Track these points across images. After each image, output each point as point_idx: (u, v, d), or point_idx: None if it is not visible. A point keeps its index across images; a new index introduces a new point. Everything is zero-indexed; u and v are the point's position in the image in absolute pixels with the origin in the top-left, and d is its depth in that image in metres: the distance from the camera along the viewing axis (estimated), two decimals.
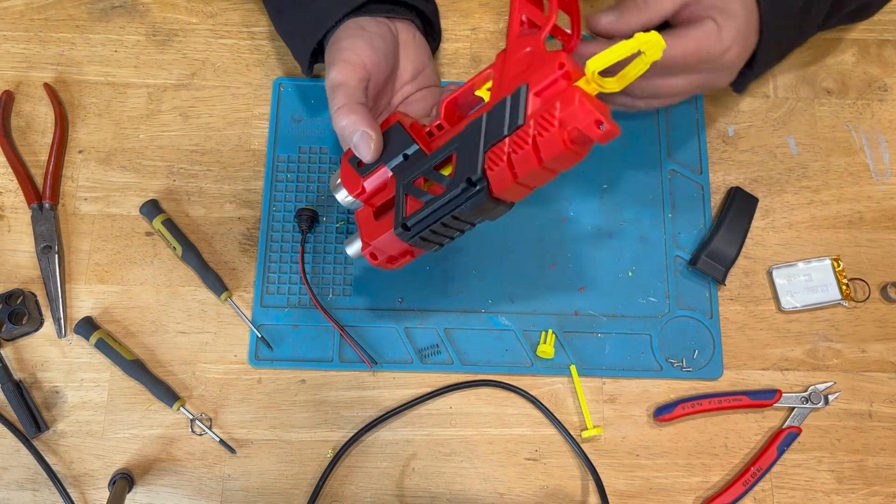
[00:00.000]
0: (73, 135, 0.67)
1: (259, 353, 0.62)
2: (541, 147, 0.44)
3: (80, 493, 0.60)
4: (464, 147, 0.47)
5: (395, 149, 0.51)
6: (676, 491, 0.60)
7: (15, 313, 0.62)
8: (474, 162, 0.46)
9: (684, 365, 0.62)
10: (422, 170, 0.50)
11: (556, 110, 0.43)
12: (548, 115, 0.43)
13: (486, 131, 0.46)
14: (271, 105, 0.68)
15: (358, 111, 0.52)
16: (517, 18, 0.49)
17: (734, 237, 0.63)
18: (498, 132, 0.45)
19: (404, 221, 0.50)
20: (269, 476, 0.60)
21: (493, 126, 0.46)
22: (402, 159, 0.51)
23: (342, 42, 0.56)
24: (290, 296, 0.63)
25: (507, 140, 0.45)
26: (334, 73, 0.54)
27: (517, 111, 0.45)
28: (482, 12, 0.71)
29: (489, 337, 0.62)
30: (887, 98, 0.69)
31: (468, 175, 0.46)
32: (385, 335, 0.62)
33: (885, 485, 0.60)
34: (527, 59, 0.47)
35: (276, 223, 0.65)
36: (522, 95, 0.45)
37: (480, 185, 0.46)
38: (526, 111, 0.44)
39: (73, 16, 0.71)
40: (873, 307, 0.64)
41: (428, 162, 0.50)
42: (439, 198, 0.48)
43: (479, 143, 0.46)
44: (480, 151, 0.46)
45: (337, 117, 0.53)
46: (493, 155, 0.45)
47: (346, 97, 0.53)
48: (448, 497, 0.60)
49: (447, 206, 0.48)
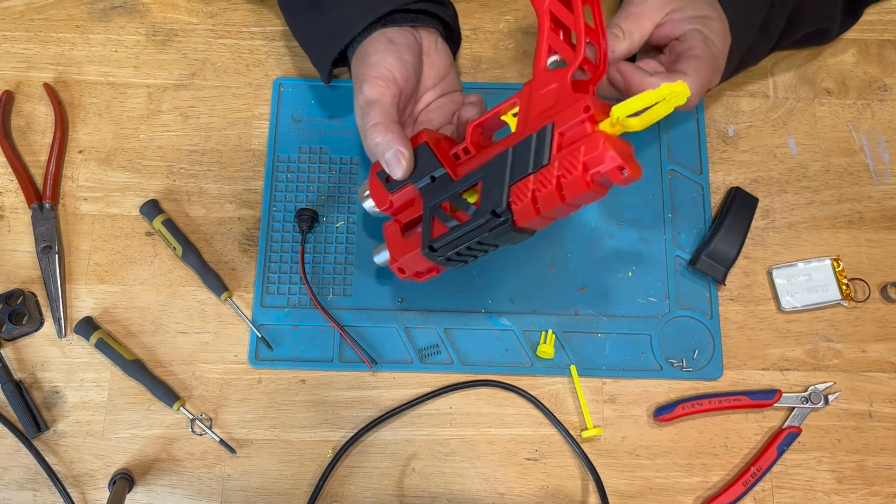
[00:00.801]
0: (73, 135, 0.67)
1: (259, 353, 0.62)
2: (564, 187, 0.46)
3: (80, 493, 0.60)
4: (489, 178, 0.49)
5: (422, 169, 0.53)
6: (676, 491, 0.60)
7: (15, 313, 0.62)
8: (499, 195, 0.48)
9: (684, 365, 0.62)
10: (448, 195, 0.52)
11: (581, 154, 0.44)
12: (572, 158, 0.45)
13: (511, 166, 0.48)
14: (271, 105, 0.68)
15: (393, 130, 0.53)
16: (545, 50, 0.50)
17: (734, 237, 0.63)
18: (523, 169, 0.47)
19: (431, 244, 0.52)
20: (269, 476, 0.60)
21: (518, 162, 0.48)
22: (430, 181, 0.53)
23: (372, 58, 0.56)
24: (290, 296, 0.63)
25: (531, 177, 0.47)
26: (368, 89, 0.54)
27: (542, 150, 0.46)
28: (482, 12, 0.71)
29: (489, 337, 0.62)
30: (887, 98, 0.69)
31: (493, 207, 0.48)
32: (385, 335, 0.62)
33: (885, 485, 0.60)
34: (553, 95, 0.48)
35: (276, 223, 0.65)
36: (548, 135, 0.46)
37: (505, 216, 0.48)
38: (551, 151, 0.46)
39: (73, 16, 0.71)
40: (873, 307, 0.64)
41: (454, 188, 0.51)
42: (465, 225, 0.50)
43: (504, 177, 0.48)
44: (505, 185, 0.48)
45: (372, 134, 0.53)
46: (518, 190, 0.48)
47: (380, 115, 0.53)
48: (448, 497, 0.60)
49: (472, 233, 0.50)
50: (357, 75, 0.56)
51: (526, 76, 0.69)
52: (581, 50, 0.48)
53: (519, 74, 0.69)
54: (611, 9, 0.70)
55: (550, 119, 0.47)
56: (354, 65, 0.58)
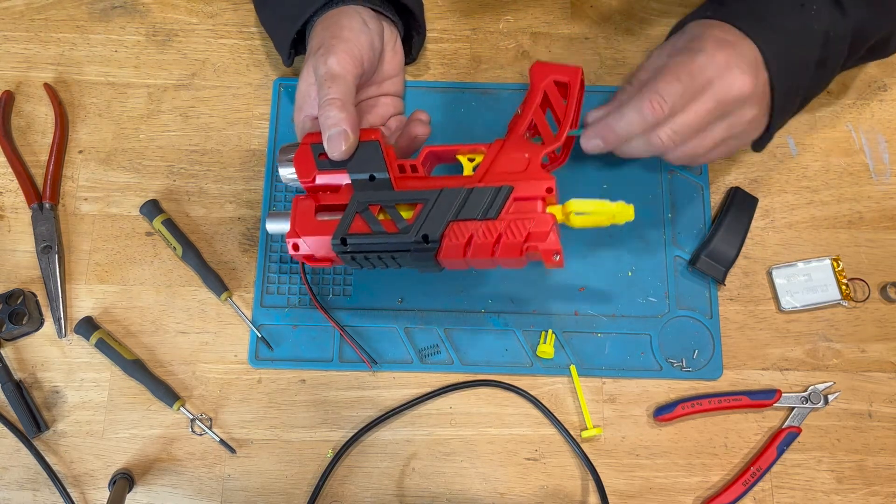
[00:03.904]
0: (73, 135, 0.67)
1: (259, 353, 0.62)
2: (501, 246, 0.50)
3: (80, 493, 0.60)
4: (434, 206, 0.51)
5: (365, 164, 0.52)
6: (676, 491, 0.60)
7: (15, 313, 0.62)
8: (438, 225, 0.51)
9: (684, 365, 0.62)
10: (384, 201, 0.52)
11: (529, 226, 0.50)
12: (520, 225, 0.50)
13: (460, 205, 0.51)
14: (271, 105, 0.68)
15: (348, 110, 0.52)
16: (527, 121, 0.54)
17: (734, 237, 0.63)
18: (472, 213, 0.51)
19: (345, 237, 0.52)
20: (269, 476, 0.60)
21: (469, 205, 0.51)
22: (368, 178, 0.53)
23: (345, 31, 0.54)
24: (289, 296, 0.63)
25: (475, 223, 0.50)
26: (334, 61, 0.53)
27: (495, 205, 0.50)
28: (482, 12, 0.71)
29: (489, 337, 0.62)
30: (887, 98, 0.69)
31: (427, 233, 0.51)
32: (385, 335, 0.62)
33: (885, 485, 0.60)
34: (522, 163, 0.52)
35: None
36: (504, 195, 0.51)
37: (433, 245, 0.51)
38: (502, 209, 0.50)
39: (73, 16, 0.71)
40: (873, 307, 0.64)
41: (393, 196, 0.52)
42: (390, 235, 0.51)
43: (449, 211, 0.51)
44: (447, 219, 0.51)
45: (327, 108, 0.51)
46: (457, 228, 0.51)
47: (340, 91, 0.52)
48: (448, 497, 0.60)
49: (393, 244, 0.52)
50: (322, 42, 0.54)
51: (525, 75, 0.69)
52: (562, 139, 0.53)
53: (518, 74, 0.69)
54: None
55: (513, 181, 0.51)
56: (319, 31, 0.56)
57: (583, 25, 0.71)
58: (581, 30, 0.71)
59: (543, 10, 0.71)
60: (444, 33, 0.70)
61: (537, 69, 0.56)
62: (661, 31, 0.71)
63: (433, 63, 0.69)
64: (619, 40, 0.70)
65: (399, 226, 0.51)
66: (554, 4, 0.71)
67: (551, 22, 0.71)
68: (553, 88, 0.55)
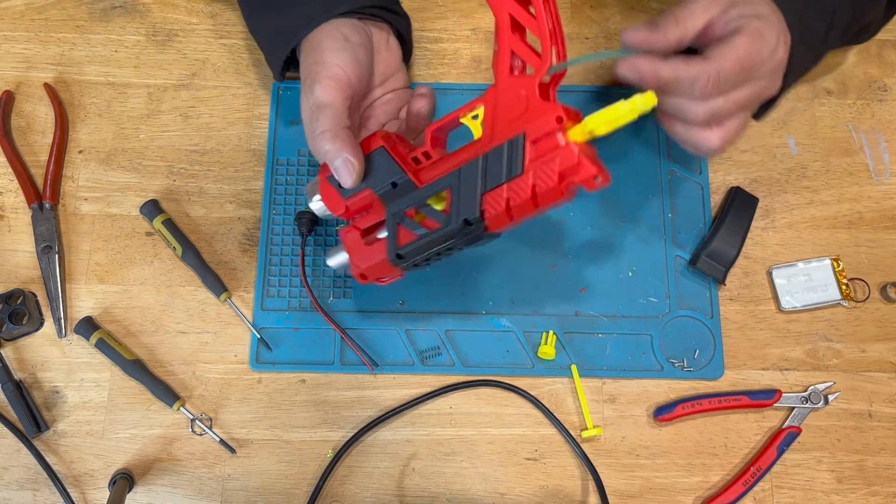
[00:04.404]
0: (73, 135, 0.67)
1: (260, 357, 0.62)
2: (539, 196, 0.47)
3: (80, 493, 0.60)
4: (460, 187, 0.49)
5: (381, 174, 0.52)
6: (676, 491, 0.60)
7: (15, 313, 0.62)
8: (473, 204, 0.48)
9: (685, 365, 0.62)
10: (414, 202, 0.51)
11: (557, 165, 0.46)
12: (548, 169, 0.46)
13: (483, 175, 0.48)
14: (270, 109, 0.68)
15: (342, 137, 0.51)
16: (507, 55, 0.49)
17: (734, 237, 0.63)
18: (496, 178, 0.48)
19: (398, 252, 0.52)
20: (269, 476, 0.60)
21: (490, 171, 0.48)
22: (391, 187, 0.52)
23: (326, 55, 0.53)
24: (290, 298, 0.63)
25: (504, 186, 0.47)
26: (320, 91, 0.52)
27: (515, 160, 0.47)
28: (482, 12, 0.71)
29: (490, 338, 0.62)
30: (887, 98, 0.69)
31: (466, 216, 0.49)
32: (386, 337, 0.62)
33: (885, 485, 0.60)
34: (521, 103, 0.47)
35: (276, 226, 0.64)
36: (520, 145, 0.47)
37: (478, 224, 0.49)
38: (524, 160, 0.47)
39: (73, 16, 0.71)
40: (873, 307, 0.64)
41: (420, 195, 0.51)
42: (435, 232, 0.50)
43: (476, 186, 0.48)
44: (478, 194, 0.48)
45: (320, 141, 0.51)
46: (491, 198, 0.48)
47: (330, 121, 0.51)
48: (448, 497, 0.60)
49: (442, 239, 0.50)
50: (308, 72, 0.54)
51: None
52: (548, 57, 0.47)
53: None
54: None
55: (521, 128, 0.47)
56: (304, 57, 0.55)
57: (583, 25, 0.71)
58: (581, 30, 0.71)
59: None
60: (444, 33, 0.70)
61: None
62: None
63: (433, 63, 0.69)
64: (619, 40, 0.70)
65: (438, 219, 0.50)
66: None
67: None
68: (517, 7, 0.48)
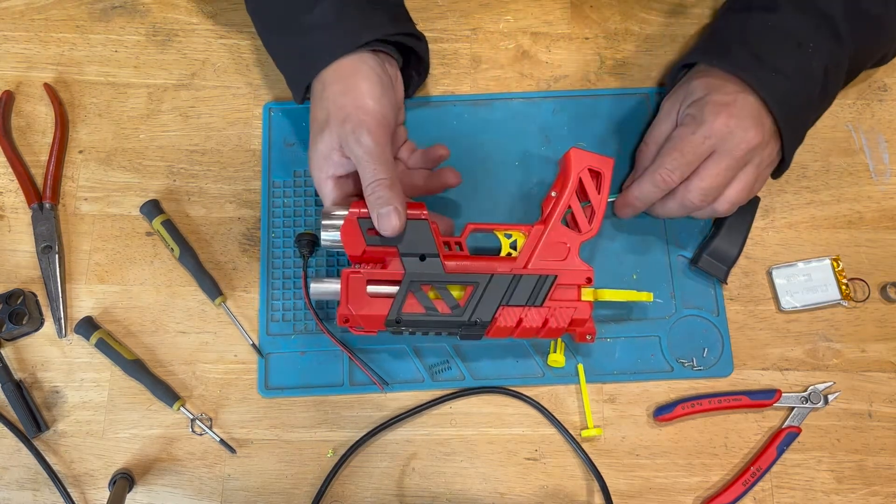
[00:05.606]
0: (73, 135, 0.67)
1: (269, 383, 0.61)
2: (545, 328, 0.56)
3: (80, 492, 0.60)
4: (484, 290, 0.55)
5: (415, 243, 0.55)
6: (676, 491, 0.60)
7: (15, 313, 0.62)
8: (489, 309, 0.55)
9: (695, 364, 0.62)
10: (436, 282, 0.55)
11: (573, 313, 0.56)
12: (564, 313, 0.56)
13: (509, 291, 0.56)
14: (262, 131, 0.67)
15: (397, 189, 0.53)
16: (565, 207, 0.58)
17: (735, 236, 0.63)
18: (519, 299, 0.56)
19: (399, 317, 0.55)
20: (269, 476, 0.60)
21: (518, 291, 0.56)
22: (419, 259, 0.55)
23: (367, 100, 0.54)
24: (295, 322, 0.62)
25: (522, 308, 0.55)
26: (370, 141, 0.53)
27: (540, 292, 0.56)
28: (482, 12, 0.71)
29: (498, 349, 0.62)
30: (887, 98, 0.69)
31: (479, 317, 0.55)
32: (394, 355, 0.62)
33: (884, 485, 0.60)
34: (563, 251, 0.57)
35: (276, 249, 0.64)
36: (550, 283, 0.56)
37: (482, 326, 0.55)
38: (547, 296, 0.56)
39: (73, 16, 0.71)
40: (873, 307, 0.64)
41: (446, 278, 0.55)
42: (443, 316, 0.55)
43: (499, 297, 0.55)
44: (497, 304, 0.55)
45: (377, 188, 0.53)
46: (506, 312, 0.55)
47: (387, 170, 0.53)
48: (448, 497, 0.60)
49: (445, 325, 0.55)
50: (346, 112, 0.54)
51: (525, 75, 0.69)
52: (596, 228, 0.58)
53: (518, 74, 0.69)
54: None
55: (554, 269, 0.56)
56: (335, 90, 0.55)
57: (583, 25, 0.71)
58: (581, 30, 0.71)
59: (543, 10, 0.71)
60: (444, 33, 0.70)
61: (574, 156, 0.58)
62: (660, 31, 0.71)
63: (433, 63, 0.69)
64: (619, 40, 0.70)
65: (450, 305, 0.55)
66: (554, 4, 0.72)
67: (551, 22, 0.71)
68: (587, 177, 0.58)
